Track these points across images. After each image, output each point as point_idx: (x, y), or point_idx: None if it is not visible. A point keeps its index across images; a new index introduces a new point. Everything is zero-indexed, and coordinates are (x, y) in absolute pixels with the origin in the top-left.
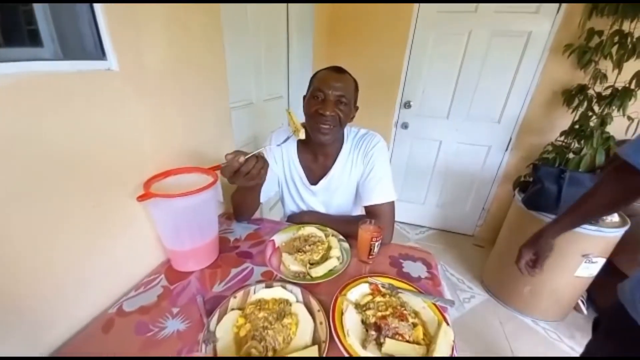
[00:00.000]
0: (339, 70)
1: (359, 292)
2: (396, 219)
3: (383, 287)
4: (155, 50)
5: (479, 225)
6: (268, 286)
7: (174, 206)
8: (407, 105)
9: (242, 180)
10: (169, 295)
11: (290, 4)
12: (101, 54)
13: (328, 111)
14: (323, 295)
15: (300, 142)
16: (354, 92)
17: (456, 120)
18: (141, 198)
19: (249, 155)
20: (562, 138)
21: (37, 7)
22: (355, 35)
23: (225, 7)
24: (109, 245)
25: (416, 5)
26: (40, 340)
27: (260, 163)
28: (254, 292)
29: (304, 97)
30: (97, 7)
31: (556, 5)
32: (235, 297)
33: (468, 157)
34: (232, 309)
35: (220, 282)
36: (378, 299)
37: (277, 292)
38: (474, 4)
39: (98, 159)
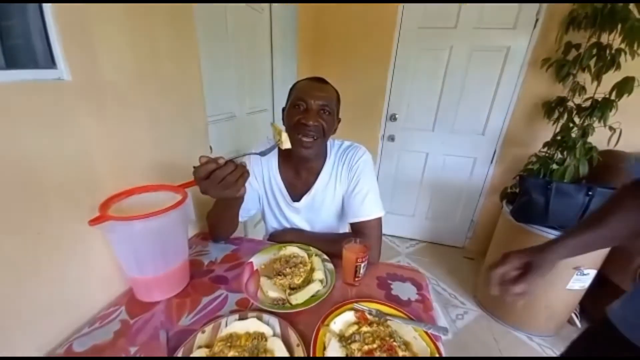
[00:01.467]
0: (320, 80)
1: (343, 321)
2: (386, 232)
3: (370, 314)
4: (115, 59)
5: (468, 237)
6: (242, 318)
7: (133, 230)
8: (393, 118)
9: (216, 188)
10: (127, 332)
11: (273, 16)
12: (51, 63)
13: (311, 121)
14: (304, 324)
15: (281, 157)
16: (337, 102)
17: (441, 132)
18: (93, 222)
19: (228, 159)
20: (545, 149)
21: None
22: (339, 50)
23: (204, 19)
24: (58, 276)
25: (398, 20)
26: None
27: (238, 171)
28: (225, 326)
29: (283, 109)
30: (47, 10)
31: (533, 20)
32: (203, 332)
33: (455, 169)
34: (199, 347)
35: (189, 314)
36: (364, 329)
37: (251, 324)
38: (454, 21)
39: (45, 179)
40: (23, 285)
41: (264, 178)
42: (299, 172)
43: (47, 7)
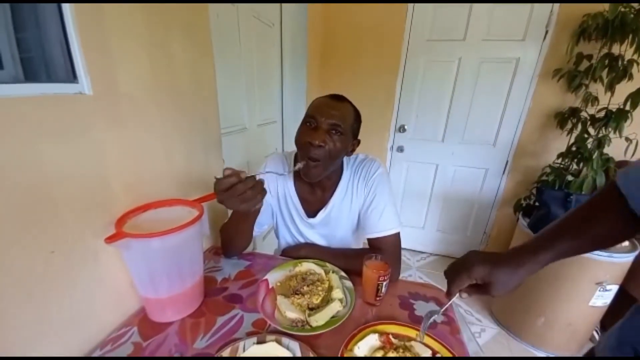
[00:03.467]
0: (337, 97)
1: (367, 345)
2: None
3: (396, 339)
4: (133, 72)
5: (481, 250)
6: (260, 341)
7: (150, 247)
8: (402, 129)
9: (234, 200)
10: (139, 354)
11: (283, 29)
12: (72, 77)
13: (317, 140)
14: (325, 348)
15: (296, 172)
16: (354, 122)
17: (451, 143)
18: (110, 239)
19: (250, 175)
20: (559, 160)
21: None
22: (348, 62)
23: (217, 32)
24: (69, 295)
25: (406, 33)
26: None
27: (258, 187)
28: (243, 350)
29: None
30: (69, 23)
31: (542, 32)
32: (221, 355)
33: (466, 180)
34: None
35: (204, 335)
36: (391, 354)
37: (270, 349)
38: (462, 33)
39: (60, 195)
40: (33, 306)
41: (278, 194)
42: (314, 188)
43: (68, 18)
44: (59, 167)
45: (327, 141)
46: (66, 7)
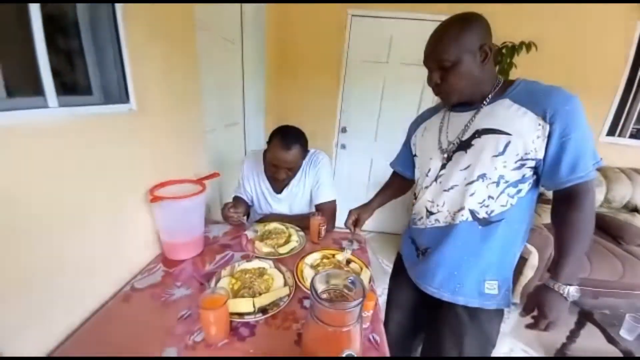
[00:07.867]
0: (288, 145)
1: (312, 258)
2: (341, 225)
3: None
4: (155, 94)
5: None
6: (248, 261)
7: (177, 206)
8: (344, 130)
9: (229, 221)
10: (170, 276)
11: (244, 47)
12: (125, 98)
13: (281, 178)
14: (289, 265)
15: (266, 164)
16: (302, 153)
17: (382, 142)
18: (153, 200)
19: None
20: None
21: (90, 61)
22: (300, 75)
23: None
24: (118, 240)
25: (344, 55)
26: (76, 309)
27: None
28: (238, 266)
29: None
30: (125, 56)
31: None
32: (225, 269)
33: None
34: (224, 276)
35: (210, 264)
36: (325, 261)
37: (255, 263)
38: (386, 57)
39: (116, 177)
40: (98, 245)
41: (254, 180)
42: None
43: (125, 57)
44: (119, 161)
45: (288, 174)
46: (125, 53)
